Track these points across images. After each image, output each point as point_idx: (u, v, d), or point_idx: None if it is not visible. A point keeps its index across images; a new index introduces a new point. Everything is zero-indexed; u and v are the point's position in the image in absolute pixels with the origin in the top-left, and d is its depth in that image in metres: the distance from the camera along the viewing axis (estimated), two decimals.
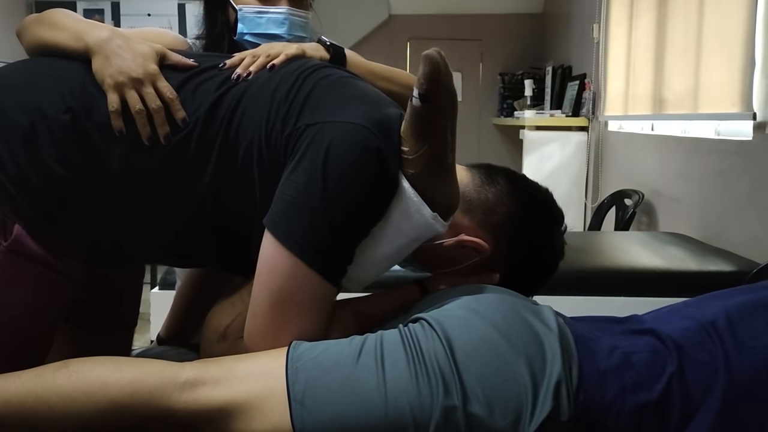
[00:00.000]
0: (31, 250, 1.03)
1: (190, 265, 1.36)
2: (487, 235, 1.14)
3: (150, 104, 1.04)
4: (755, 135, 2.43)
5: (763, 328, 0.97)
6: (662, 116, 3.34)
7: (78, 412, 0.90)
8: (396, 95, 1.18)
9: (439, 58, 0.97)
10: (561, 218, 1.22)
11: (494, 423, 0.89)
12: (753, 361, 0.94)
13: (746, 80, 2.47)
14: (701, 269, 2.20)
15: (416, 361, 0.92)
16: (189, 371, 0.95)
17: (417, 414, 0.89)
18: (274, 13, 1.35)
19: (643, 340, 1.00)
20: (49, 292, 1.08)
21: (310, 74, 1.09)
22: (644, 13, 3.61)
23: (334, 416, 0.90)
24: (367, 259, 1.04)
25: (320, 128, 1.00)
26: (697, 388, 0.93)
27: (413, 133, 1.01)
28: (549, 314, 1.01)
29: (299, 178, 0.98)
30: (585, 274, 2.24)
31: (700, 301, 1.10)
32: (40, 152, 1.03)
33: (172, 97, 1.05)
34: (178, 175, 1.05)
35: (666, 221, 3.27)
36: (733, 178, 2.60)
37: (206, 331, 1.15)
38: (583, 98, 4.42)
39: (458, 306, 1.01)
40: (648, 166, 3.47)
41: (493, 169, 1.21)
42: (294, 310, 0.99)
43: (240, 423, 0.92)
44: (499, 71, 5.88)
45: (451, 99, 1.01)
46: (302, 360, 0.94)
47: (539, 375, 0.92)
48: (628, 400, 0.92)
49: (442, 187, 1.05)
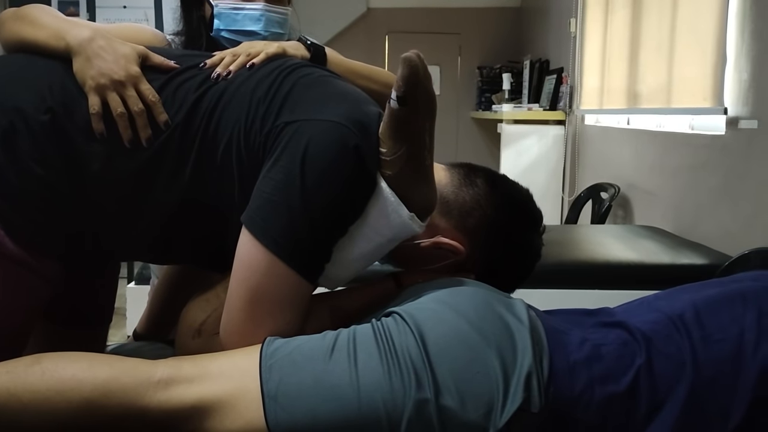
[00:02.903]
0: (8, 250, 1.03)
1: (167, 262, 1.36)
2: (463, 237, 1.15)
3: (132, 107, 1.03)
4: (728, 130, 2.46)
5: (729, 321, 0.98)
6: (637, 110, 3.37)
7: (51, 410, 0.90)
8: (376, 94, 1.18)
9: (418, 61, 0.97)
10: (539, 221, 1.22)
11: (466, 415, 0.90)
12: (719, 353, 0.95)
13: (718, 76, 2.50)
14: (674, 262, 2.22)
15: (389, 355, 0.92)
16: (163, 370, 0.94)
17: (390, 408, 0.89)
18: (251, 10, 1.34)
19: (612, 333, 1.01)
20: (26, 291, 1.07)
21: (289, 73, 1.08)
22: (619, 9, 3.63)
23: (307, 412, 0.90)
24: (344, 258, 1.04)
25: (299, 126, 1.00)
26: (665, 380, 0.94)
27: (391, 135, 1.01)
28: (521, 307, 1.01)
29: (277, 175, 0.98)
30: (560, 268, 2.26)
31: (670, 294, 1.11)
32: (19, 152, 1.02)
33: (155, 99, 1.04)
34: (160, 175, 1.05)
35: (641, 214, 3.30)
36: (707, 172, 2.63)
37: (181, 326, 1.14)
38: (560, 92, 4.43)
39: (431, 299, 1.01)
40: (624, 159, 3.50)
41: (473, 170, 1.20)
42: (270, 307, 0.99)
43: (215, 421, 0.92)
44: (477, 65, 5.90)
45: (429, 102, 1.01)
46: (276, 357, 0.94)
47: (510, 367, 0.92)
48: (596, 392, 0.93)
49: (419, 188, 1.05)
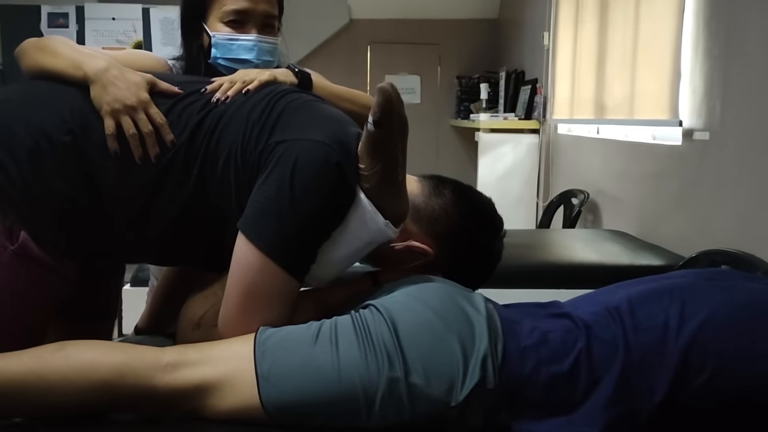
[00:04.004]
0: (34, 254, 1.17)
1: (169, 264, 1.49)
2: (432, 242, 1.29)
3: (142, 128, 1.17)
4: (683, 140, 2.63)
5: (657, 311, 1.13)
6: (604, 121, 3.51)
7: (74, 389, 1.04)
8: (356, 114, 1.33)
9: (392, 90, 1.13)
10: (500, 227, 1.38)
11: (431, 391, 1.05)
12: (647, 339, 1.10)
13: (674, 90, 2.66)
14: (633, 263, 2.39)
15: (365, 341, 1.07)
16: (170, 355, 1.09)
17: (366, 386, 1.04)
18: (244, 40, 1.49)
19: (559, 322, 1.15)
20: (49, 289, 1.22)
21: (280, 98, 1.23)
22: (587, 23, 3.76)
23: (295, 390, 1.05)
24: (327, 259, 1.18)
25: (289, 145, 1.14)
26: (601, 362, 1.09)
27: (368, 153, 1.16)
28: (479, 300, 1.17)
29: (270, 187, 1.12)
30: (530, 269, 2.41)
31: (611, 289, 1.26)
32: (43, 168, 1.16)
33: (162, 122, 1.19)
34: (166, 187, 1.19)
35: (609, 219, 3.45)
36: (666, 179, 2.79)
37: (182, 321, 1.28)
38: (534, 102, 4.55)
39: (402, 294, 1.16)
40: (593, 167, 3.64)
41: (442, 181, 1.35)
42: (263, 302, 1.13)
43: (215, 399, 1.06)
44: (456, 74, 5.98)
45: (401, 125, 1.16)
46: (268, 343, 1.09)
47: (469, 350, 1.07)
48: (543, 372, 1.08)
49: (393, 199, 1.20)
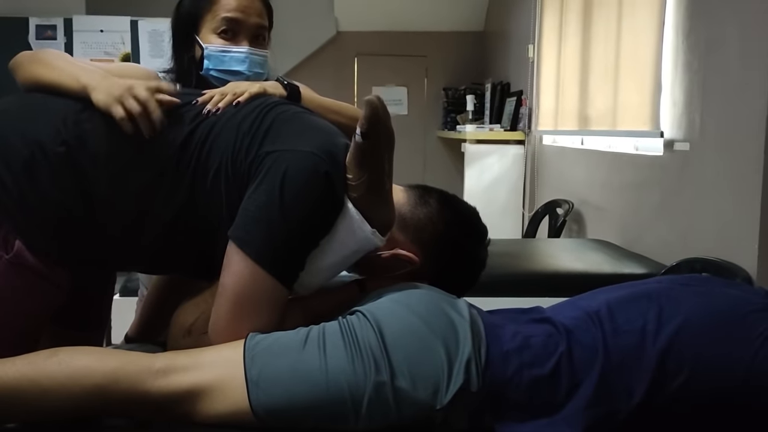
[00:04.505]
0: (29, 263, 1.19)
1: (159, 272, 1.51)
2: (418, 249, 1.32)
3: (140, 99, 1.19)
4: (665, 151, 2.69)
5: (636, 315, 1.16)
6: (588, 132, 3.57)
7: (67, 395, 1.06)
8: (344, 126, 1.36)
9: (378, 103, 1.16)
10: (484, 235, 1.40)
11: (417, 395, 1.07)
12: (625, 342, 1.13)
13: (655, 102, 2.72)
14: (616, 272, 2.43)
15: (352, 346, 1.09)
16: (162, 360, 1.11)
17: (353, 389, 1.07)
18: (237, 52, 1.53)
19: (541, 327, 1.18)
20: (43, 297, 1.24)
21: (270, 110, 1.26)
22: (571, 36, 3.83)
23: (284, 393, 1.07)
24: (316, 267, 1.21)
25: (279, 155, 1.17)
26: (581, 365, 1.12)
27: (356, 164, 1.19)
28: (463, 306, 1.20)
29: (260, 196, 1.15)
30: (516, 278, 2.46)
31: (591, 294, 1.29)
32: (39, 179, 1.18)
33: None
34: (158, 197, 1.21)
35: (593, 228, 3.50)
36: (648, 189, 2.85)
37: (173, 328, 1.30)
38: (520, 113, 4.61)
39: (388, 300, 1.19)
40: (577, 177, 3.69)
41: (427, 191, 1.38)
42: (252, 308, 1.15)
43: (206, 403, 1.08)
44: (442, 86, 6.04)
45: (388, 137, 1.19)
46: (257, 349, 1.11)
47: (453, 354, 1.10)
48: (525, 375, 1.11)
49: (380, 208, 1.23)
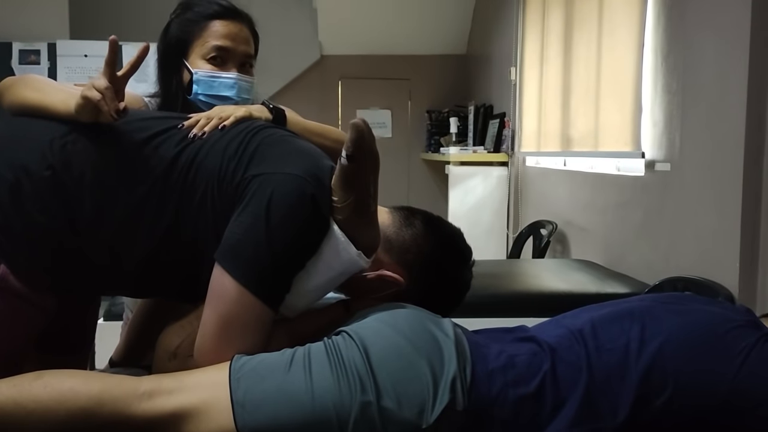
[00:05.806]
0: (12, 286, 1.18)
1: (145, 296, 1.50)
2: (403, 271, 1.32)
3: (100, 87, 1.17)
4: (646, 171, 2.73)
5: (618, 333, 1.18)
6: (570, 153, 3.62)
7: (52, 417, 1.05)
8: (329, 149, 1.37)
9: (364, 126, 1.18)
10: (469, 256, 1.41)
11: (403, 414, 1.08)
12: (609, 360, 1.14)
13: (636, 123, 2.76)
14: (599, 291, 2.45)
15: (338, 366, 1.10)
16: (147, 383, 1.10)
17: (339, 410, 1.07)
18: (226, 78, 1.54)
19: (525, 346, 1.20)
20: (28, 321, 1.23)
21: (255, 133, 1.27)
22: (552, 59, 3.88)
23: (270, 415, 1.07)
24: (301, 289, 1.21)
25: (265, 178, 1.18)
26: (566, 383, 1.13)
27: (342, 186, 1.20)
28: (448, 325, 1.20)
29: (246, 219, 1.15)
30: (500, 298, 2.47)
31: (575, 313, 1.31)
32: (24, 204, 1.18)
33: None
34: (144, 220, 1.20)
35: (576, 249, 3.53)
36: (630, 209, 2.88)
37: (158, 350, 1.30)
38: (503, 135, 4.66)
39: (374, 320, 1.19)
40: (560, 198, 3.73)
41: (412, 212, 1.39)
42: (238, 331, 1.15)
43: (191, 426, 1.08)
44: (426, 109, 6.08)
45: (373, 159, 1.21)
46: (243, 371, 1.11)
47: (439, 373, 1.10)
48: (510, 393, 1.12)
49: (365, 230, 1.24)
